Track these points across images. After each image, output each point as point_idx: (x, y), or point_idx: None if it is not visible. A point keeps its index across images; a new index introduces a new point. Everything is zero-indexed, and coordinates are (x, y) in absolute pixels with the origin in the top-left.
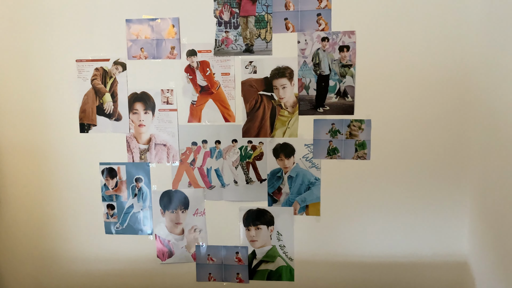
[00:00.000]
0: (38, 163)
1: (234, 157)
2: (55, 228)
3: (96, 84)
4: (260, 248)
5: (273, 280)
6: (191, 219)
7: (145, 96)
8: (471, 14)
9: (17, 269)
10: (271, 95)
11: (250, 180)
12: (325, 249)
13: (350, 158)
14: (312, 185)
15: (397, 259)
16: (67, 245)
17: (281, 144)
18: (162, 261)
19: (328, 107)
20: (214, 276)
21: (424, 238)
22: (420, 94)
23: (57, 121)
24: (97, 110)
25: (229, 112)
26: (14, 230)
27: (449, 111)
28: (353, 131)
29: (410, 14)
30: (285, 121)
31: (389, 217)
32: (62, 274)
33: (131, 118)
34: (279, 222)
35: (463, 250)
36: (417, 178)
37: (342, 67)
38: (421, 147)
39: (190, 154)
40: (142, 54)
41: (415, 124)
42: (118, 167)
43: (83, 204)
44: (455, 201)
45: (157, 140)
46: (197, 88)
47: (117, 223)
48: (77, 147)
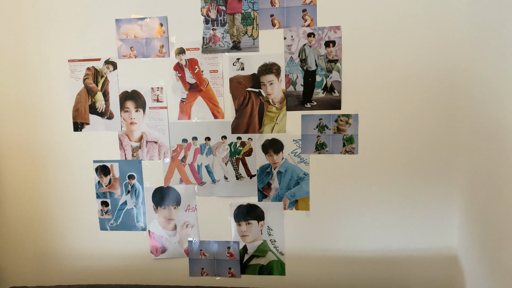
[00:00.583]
0: (34, 162)
1: (224, 153)
2: (51, 224)
3: (88, 84)
4: (251, 243)
5: (264, 275)
6: (183, 215)
7: (135, 95)
8: (458, 9)
9: (17, 264)
10: (259, 91)
11: (240, 176)
12: (315, 243)
13: (338, 153)
14: (301, 180)
15: (386, 253)
16: (63, 241)
17: (269, 140)
18: (155, 256)
19: (315, 103)
20: (206, 271)
21: (414, 232)
22: (407, 88)
23: (51, 120)
24: (90, 109)
25: (218, 109)
26: (13, 227)
27: (437, 105)
28: (341, 125)
29: (395, 9)
30: (273, 117)
31: (378, 212)
32: (60, 269)
33: (123, 116)
34: (270, 217)
35: (452, 244)
36: (405, 173)
37: (329, 62)
38: (409, 141)
39: (181, 151)
40: (132, 53)
41: (403, 118)
42: (111, 165)
43: (78, 201)
44: (444, 196)
45: (148, 138)
46: (186, 86)
47: (112, 219)
48: (71, 146)
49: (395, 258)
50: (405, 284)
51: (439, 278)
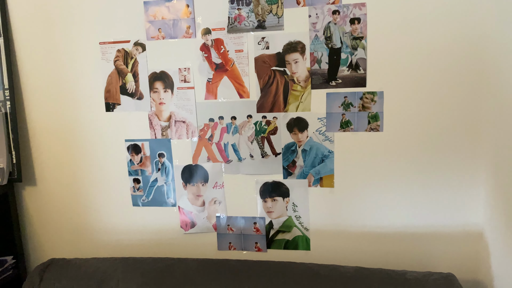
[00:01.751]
0: (69, 141)
1: (249, 132)
2: (87, 201)
3: (119, 65)
4: (276, 218)
5: (290, 249)
6: (211, 191)
7: (164, 75)
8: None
9: (56, 239)
10: (284, 70)
11: (265, 154)
12: (339, 219)
13: (363, 131)
14: (325, 158)
15: (411, 229)
16: (98, 216)
17: (294, 119)
18: (185, 231)
19: (340, 80)
20: (234, 245)
21: (439, 209)
22: (433, 64)
23: (85, 101)
24: (121, 90)
25: (244, 88)
26: (52, 204)
27: (463, 81)
28: (366, 103)
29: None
30: (298, 95)
31: (403, 188)
32: (95, 243)
33: (152, 97)
34: (294, 194)
35: (478, 220)
36: (430, 149)
37: (354, 39)
38: (434, 117)
39: (208, 130)
40: (160, 35)
41: (428, 95)
42: (142, 144)
43: (112, 179)
44: (470, 172)
45: (176, 117)
46: (212, 66)
47: (143, 196)
48: (104, 125)
49: (419, 234)
50: (429, 260)
51: (464, 254)
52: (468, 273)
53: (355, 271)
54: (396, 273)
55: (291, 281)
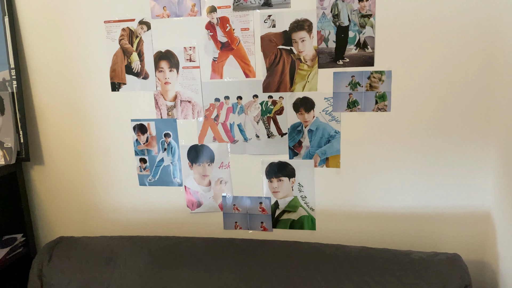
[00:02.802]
0: (76, 121)
1: (255, 112)
2: (95, 180)
3: (124, 44)
4: (282, 198)
5: (295, 229)
6: (217, 171)
7: (169, 54)
8: None
9: (65, 217)
10: (290, 49)
11: (271, 134)
12: (345, 200)
13: (370, 111)
14: (332, 138)
15: (418, 210)
16: (106, 196)
17: (301, 98)
18: (191, 210)
19: (347, 59)
20: (240, 225)
21: (447, 190)
22: (442, 43)
23: (91, 81)
24: (126, 69)
25: (250, 67)
26: (60, 183)
27: (474, 60)
28: (373, 83)
29: None
30: (305, 75)
31: (410, 169)
32: (103, 222)
33: (157, 76)
34: (300, 174)
35: (486, 201)
36: (439, 129)
37: (362, 17)
38: (443, 97)
39: (214, 110)
40: (164, 13)
41: (438, 74)
42: (148, 123)
43: (118, 158)
44: (479, 153)
45: (182, 97)
46: (218, 45)
47: (150, 175)
48: (110, 105)
49: (426, 215)
50: (435, 241)
51: (470, 235)
52: (474, 254)
53: (360, 251)
54: (401, 253)
55: (297, 260)
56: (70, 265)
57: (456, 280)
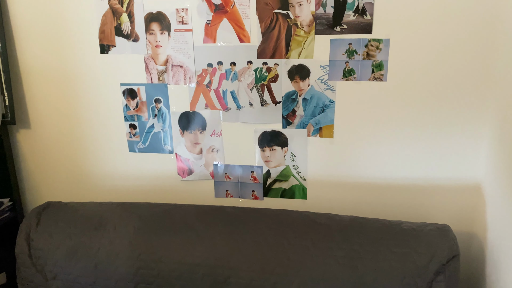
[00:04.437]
0: (64, 84)
1: (249, 79)
2: (83, 145)
3: (113, 4)
4: (274, 168)
5: (286, 198)
6: (208, 139)
7: (160, 16)
8: None
9: (53, 182)
10: (287, 13)
11: (265, 102)
12: (337, 170)
13: (366, 80)
14: (326, 107)
15: (409, 181)
16: (95, 161)
17: (296, 66)
18: (182, 178)
19: (345, 26)
20: (231, 193)
21: (439, 161)
22: (443, 10)
23: (79, 42)
24: (116, 31)
25: (244, 32)
26: (47, 148)
27: (472, 31)
28: (371, 51)
29: None
30: (301, 41)
31: (404, 140)
32: (92, 187)
33: (148, 39)
34: (293, 143)
35: (478, 174)
36: (435, 101)
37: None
38: (441, 68)
39: (206, 76)
40: None
41: (436, 44)
42: (138, 88)
43: (108, 124)
44: (474, 125)
45: (173, 61)
46: (212, 7)
47: (140, 142)
48: (99, 68)
49: (418, 186)
50: (426, 212)
51: (460, 206)
52: (463, 225)
53: (351, 220)
54: (391, 223)
55: (287, 228)
56: (59, 230)
57: (445, 250)
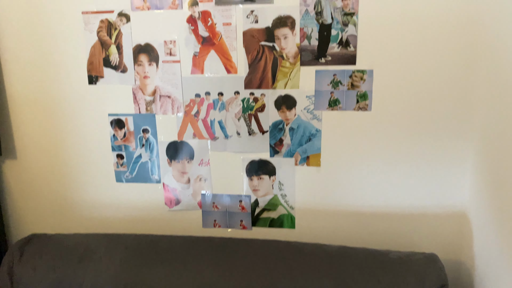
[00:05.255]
0: (51, 114)
1: (236, 108)
2: (70, 176)
3: (102, 36)
4: (262, 197)
5: (275, 227)
6: (196, 169)
7: (149, 48)
8: None
9: (37, 213)
10: (273, 45)
11: (252, 131)
12: (325, 198)
13: (351, 110)
14: (313, 136)
15: (396, 209)
16: (81, 192)
17: (282, 96)
18: (169, 208)
19: (330, 58)
20: (219, 223)
21: (424, 188)
22: (424, 42)
23: (67, 73)
24: (104, 62)
25: (231, 63)
26: (33, 178)
27: (454, 60)
28: (355, 81)
29: None
30: (287, 72)
31: (390, 168)
32: (78, 218)
33: (136, 70)
34: (281, 172)
35: (463, 201)
36: (419, 129)
37: (345, 15)
38: (423, 98)
39: (194, 105)
40: (145, 5)
41: (418, 73)
42: (125, 118)
43: (95, 154)
44: (457, 152)
45: (161, 92)
46: (199, 39)
47: (127, 172)
48: (87, 99)
49: (404, 214)
50: (413, 240)
51: (447, 234)
52: (451, 253)
53: (338, 250)
54: (379, 253)
55: (275, 258)
56: (42, 263)
57: (433, 280)
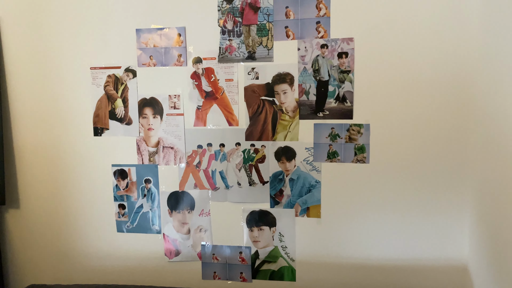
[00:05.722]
0: (56, 165)
1: (237, 159)
2: (70, 225)
3: (109, 90)
4: (262, 248)
5: (275, 280)
6: (197, 219)
7: (153, 101)
8: (469, 17)
9: (37, 263)
10: (273, 100)
11: (253, 182)
12: (326, 250)
13: (349, 162)
14: (313, 187)
15: (396, 261)
16: (82, 241)
17: (282, 148)
18: (169, 259)
19: (327, 112)
20: (218, 275)
21: (424, 241)
22: (419, 98)
23: (73, 125)
24: (110, 115)
25: (233, 116)
26: (33, 227)
27: (448, 114)
28: (352, 135)
29: (407, 20)
30: (286, 125)
31: (389, 220)
32: (77, 268)
33: (141, 122)
34: (281, 223)
35: (463, 254)
36: (416, 181)
37: (341, 73)
38: (420, 150)
39: (196, 156)
40: (151, 62)
41: (414, 128)
42: (128, 169)
43: (97, 204)
44: (455, 205)
45: (165, 143)
46: (203, 94)
47: (128, 222)
48: (91, 150)
49: (404, 266)
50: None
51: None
52: None
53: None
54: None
55: None
56: None
57: None
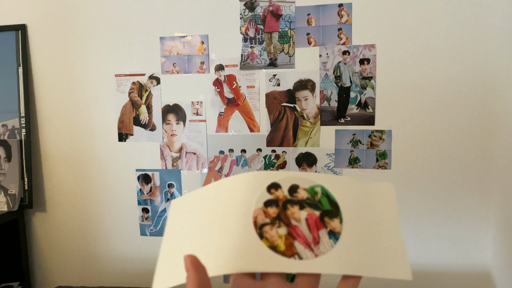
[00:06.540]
0: (81, 169)
1: (258, 165)
2: (95, 229)
3: (133, 97)
4: None
5: None
6: None
7: (177, 108)
8: (494, 22)
9: (63, 265)
10: (294, 106)
11: None
12: None
13: (371, 168)
14: None
15: (417, 267)
16: (106, 244)
17: (303, 154)
18: None
19: (349, 118)
20: None
21: (447, 248)
22: (441, 103)
23: (98, 131)
24: (134, 121)
25: (254, 122)
26: (60, 231)
27: (472, 120)
28: (374, 141)
29: (430, 26)
30: (307, 131)
31: (410, 227)
32: (102, 271)
33: (164, 128)
34: None
35: (486, 261)
36: (439, 187)
37: (363, 79)
38: (443, 156)
39: (218, 162)
40: (174, 69)
41: (437, 134)
42: (152, 174)
43: (121, 208)
44: (479, 211)
45: (187, 149)
46: (224, 100)
47: (151, 225)
48: (116, 155)
49: (426, 272)
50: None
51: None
52: None
53: None
54: None
55: None
56: None
57: None
